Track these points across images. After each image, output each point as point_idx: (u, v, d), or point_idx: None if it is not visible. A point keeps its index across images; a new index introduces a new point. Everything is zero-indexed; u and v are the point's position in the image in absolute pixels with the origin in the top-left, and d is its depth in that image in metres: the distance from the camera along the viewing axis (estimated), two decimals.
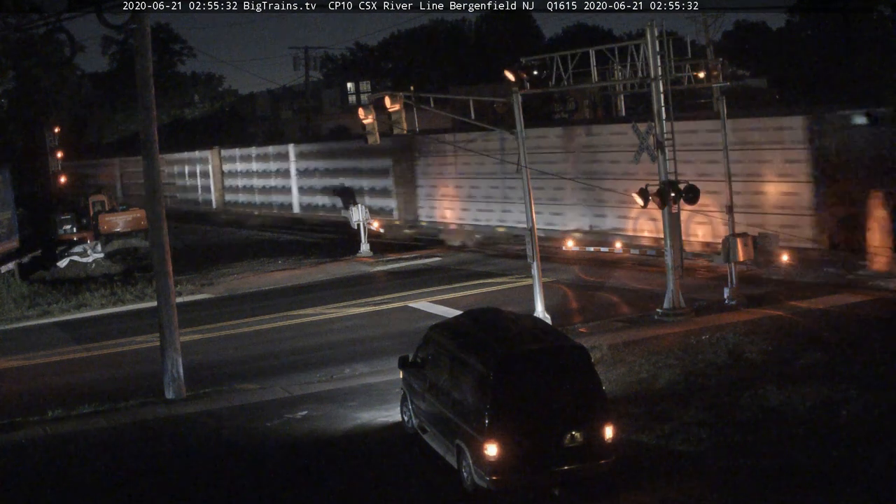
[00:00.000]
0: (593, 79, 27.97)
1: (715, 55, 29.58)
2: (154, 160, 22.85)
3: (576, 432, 15.06)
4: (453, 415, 16.00)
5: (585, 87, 31.77)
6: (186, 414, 21.25)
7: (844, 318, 24.27)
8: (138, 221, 50.29)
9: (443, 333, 17.54)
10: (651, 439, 17.18)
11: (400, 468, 17.03)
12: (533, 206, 26.23)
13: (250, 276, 39.44)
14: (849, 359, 20.80)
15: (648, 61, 25.84)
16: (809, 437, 16.70)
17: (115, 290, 36.65)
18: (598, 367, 17.31)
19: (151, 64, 22.65)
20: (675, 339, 23.42)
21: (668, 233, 26.19)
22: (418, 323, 26.52)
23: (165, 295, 22.87)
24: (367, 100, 61.49)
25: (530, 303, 26.11)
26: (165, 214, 23.12)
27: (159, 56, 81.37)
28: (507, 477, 14.95)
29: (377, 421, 19.55)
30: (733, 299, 26.72)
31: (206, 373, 24.33)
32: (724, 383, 19.78)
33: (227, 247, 50.62)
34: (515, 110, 26.10)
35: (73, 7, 22.91)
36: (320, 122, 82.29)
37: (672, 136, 26.05)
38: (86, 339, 30.07)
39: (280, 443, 18.78)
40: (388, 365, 22.76)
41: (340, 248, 44.77)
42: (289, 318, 30.82)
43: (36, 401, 22.68)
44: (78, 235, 50.74)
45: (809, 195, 29.59)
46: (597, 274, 33.52)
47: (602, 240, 36.35)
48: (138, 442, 19.54)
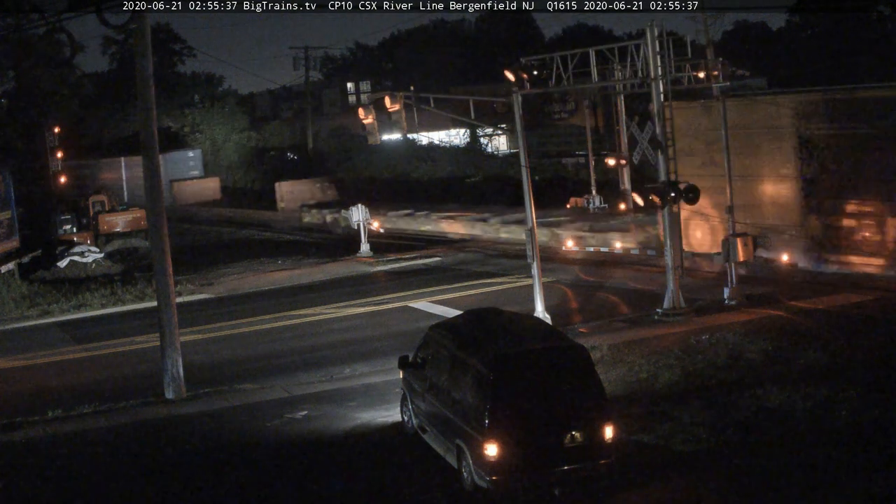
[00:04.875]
0: (593, 79, 27.99)
1: (715, 55, 29.55)
2: (154, 160, 22.82)
3: (576, 432, 15.07)
4: (453, 415, 16.00)
5: (585, 87, 31.79)
6: (186, 414, 21.24)
7: (844, 318, 24.27)
8: (138, 221, 50.27)
9: (443, 333, 17.54)
10: (651, 439, 17.18)
11: (400, 468, 17.02)
12: (533, 206, 26.24)
13: (250, 276, 39.42)
14: (849, 359, 20.80)
15: (648, 61, 25.85)
16: (809, 437, 16.71)
17: (115, 290, 36.64)
18: (598, 367, 17.29)
19: (151, 64, 22.65)
20: (675, 339, 23.43)
21: (667, 233, 26.20)
22: (418, 323, 26.52)
23: (165, 295, 22.86)
24: (367, 100, 61.50)
25: (530, 303, 26.11)
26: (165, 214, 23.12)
27: (159, 56, 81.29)
28: (507, 477, 14.95)
29: (377, 421, 19.55)
30: (733, 299, 26.73)
31: (206, 373, 24.32)
32: (724, 383, 19.78)
33: (227, 247, 50.62)
34: (515, 110, 26.12)
35: (73, 7, 22.88)
36: (321, 122, 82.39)
37: (672, 136, 26.07)
38: (86, 339, 30.06)
39: (280, 443, 18.77)
40: (388, 365, 22.75)
41: (340, 248, 44.79)
42: (289, 318, 30.81)
43: (36, 401, 22.67)
44: (78, 236, 50.71)
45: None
46: (597, 274, 33.52)
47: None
48: (138, 442, 19.54)
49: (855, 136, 28.46)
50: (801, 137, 29.61)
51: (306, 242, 49.44)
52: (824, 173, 29.17)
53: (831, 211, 29.16)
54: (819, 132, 29.24)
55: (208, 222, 63.09)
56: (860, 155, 28.38)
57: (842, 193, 28.80)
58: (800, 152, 29.67)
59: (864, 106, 28.84)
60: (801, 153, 29.66)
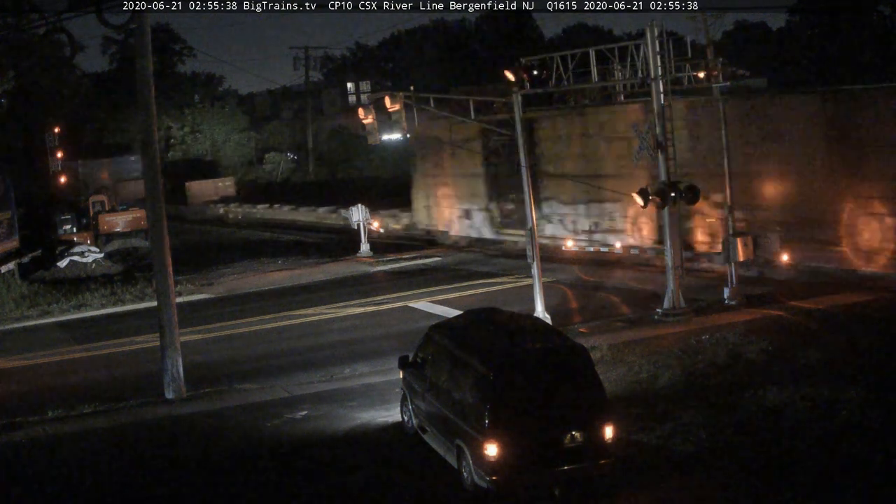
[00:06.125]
0: (593, 79, 27.99)
1: (715, 55, 29.53)
2: (154, 160, 22.81)
3: (576, 432, 15.06)
4: (453, 415, 16.00)
5: (585, 86, 31.78)
6: (186, 414, 21.24)
7: (844, 318, 24.27)
8: (138, 221, 50.28)
9: (443, 333, 17.54)
10: (651, 439, 17.18)
11: (400, 468, 17.01)
12: (533, 206, 26.23)
13: (250, 276, 39.43)
14: (849, 359, 20.80)
15: (648, 61, 25.83)
16: (809, 437, 16.70)
17: (115, 290, 36.65)
18: (598, 367, 17.28)
19: (151, 64, 22.65)
20: (675, 339, 23.42)
21: (667, 233, 26.20)
22: (418, 323, 26.51)
23: (165, 295, 22.86)
24: (367, 100, 61.49)
25: (530, 303, 26.10)
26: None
27: (159, 56, 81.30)
28: (507, 477, 14.94)
29: (377, 421, 19.54)
30: (733, 299, 26.72)
31: (206, 373, 24.31)
32: (724, 383, 19.77)
33: (227, 247, 50.65)
34: (516, 110, 26.11)
35: (73, 7, 22.88)
36: (321, 122, 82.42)
37: (672, 136, 26.06)
38: (86, 339, 30.06)
39: (280, 443, 18.77)
40: (388, 365, 22.75)
41: (340, 248, 44.79)
42: (289, 318, 30.81)
43: (36, 401, 22.67)
44: (78, 236, 50.71)
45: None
46: (597, 274, 33.53)
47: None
48: (138, 442, 19.54)
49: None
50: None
51: (307, 242, 49.47)
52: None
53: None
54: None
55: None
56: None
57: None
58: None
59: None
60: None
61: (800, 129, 30.00)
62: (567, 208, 38.76)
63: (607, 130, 36.12)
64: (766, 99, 32.86)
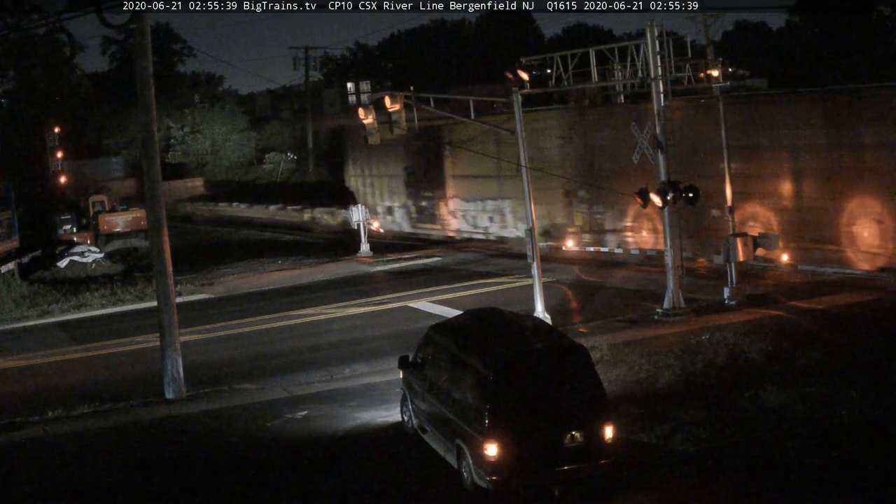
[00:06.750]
0: (593, 79, 27.98)
1: (715, 55, 29.56)
2: (154, 160, 22.82)
3: (576, 432, 15.06)
4: (453, 415, 16.00)
5: (585, 86, 31.80)
6: (186, 414, 21.24)
7: (844, 318, 24.27)
8: (138, 221, 50.28)
9: (443, 333, 17.54)
10: (651, 439, 17.18)
11: (400, 468, 17.02)
12: (533, 206, 26.22)
13: (250, 276, 39.43)
14: (849, 359, 20.80)
15: (648, 61, 25.83)
16: (809, 437, 16.70)
17: (115, 290, 36.64)
18: (598, 367, 17.30)
19: (151, 64, 22.64)
20: (675, 339, 23.42)
21: (667, 233, 26.19)
22: (418, 323, 26.51)
23: (165, 295, 22.86)
24: (367, 100, 61.48)
25: (530, 303, 26.10)
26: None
27: (159, 56, 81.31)
28: (507, 477, 14.94)
29: (377, 421, 19.55)
30: (733, 299, 26.72)
31: (206, 373, 24.32)
32: (724, 383, 19.77)
33: (227, 247, 50.64)
34: (516, 110, 26.10)
35: (73, 7, 22.85)
36: (321, 122, 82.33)
37: (672, 136, 26.04)
38: (86, 339, 30.07)
39: (280, 443, 18.77)
40: (388, 365, 22.75)
41: (340, 248, 44.78)
42: (289, 318, 30.81)
43: (36, 401, 22.68)
44: (78, 236, 50.72)
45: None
46: (597, 274, 33.53)
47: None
48: (138, 442, 19.53)
49: None
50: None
51: (307, 242, 49.48)
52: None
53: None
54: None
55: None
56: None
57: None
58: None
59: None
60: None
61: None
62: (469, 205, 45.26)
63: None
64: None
